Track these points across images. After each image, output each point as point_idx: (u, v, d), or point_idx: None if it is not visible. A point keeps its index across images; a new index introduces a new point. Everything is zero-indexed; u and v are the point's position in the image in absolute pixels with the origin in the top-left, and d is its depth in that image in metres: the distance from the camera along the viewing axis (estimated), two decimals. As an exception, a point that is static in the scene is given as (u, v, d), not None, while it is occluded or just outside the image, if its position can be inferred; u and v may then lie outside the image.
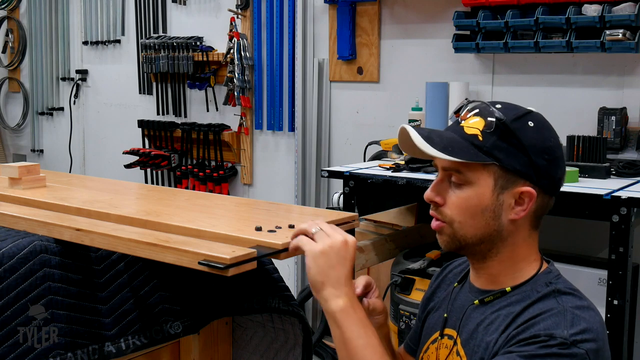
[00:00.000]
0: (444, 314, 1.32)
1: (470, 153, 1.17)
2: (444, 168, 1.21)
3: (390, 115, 3.57)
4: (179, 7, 4.48)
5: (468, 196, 1.19)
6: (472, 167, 1.18)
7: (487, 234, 1.20)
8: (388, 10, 3.55)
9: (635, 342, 2.59)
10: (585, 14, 2.79)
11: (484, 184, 1.18)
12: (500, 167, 1.17)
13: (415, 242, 2.84)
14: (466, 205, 1.19)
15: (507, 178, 1.18)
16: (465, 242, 1.22)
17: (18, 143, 5.79)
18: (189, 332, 1.54)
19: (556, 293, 1.17)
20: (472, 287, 1.28)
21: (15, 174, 1.68)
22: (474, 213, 1.19)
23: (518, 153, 1.17)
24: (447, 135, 1.21)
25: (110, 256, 1.43)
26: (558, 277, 1.22)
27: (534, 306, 1.16)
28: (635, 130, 2.79)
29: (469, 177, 1.18)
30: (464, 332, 1.24)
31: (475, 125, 1.19)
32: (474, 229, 1.20)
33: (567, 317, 1.12)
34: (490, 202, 1.19)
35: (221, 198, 1.93)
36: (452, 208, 1.20)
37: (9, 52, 5.65)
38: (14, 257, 1.30)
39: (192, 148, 4.42)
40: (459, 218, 1.20)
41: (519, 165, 1.18)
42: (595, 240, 2.81)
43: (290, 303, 1.60)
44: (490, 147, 1.17)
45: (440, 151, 1.16)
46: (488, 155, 1.17)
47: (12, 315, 1.28)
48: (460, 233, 1.21)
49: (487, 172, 1.18)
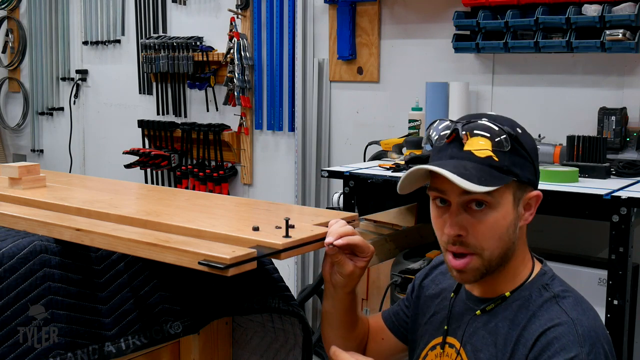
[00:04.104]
0: (444, 326, 1.30)
1: (496, 177, 1.14)
2: (466, 197, 1.16)
3: (390, 115, 3.57)
4: (179, 7, 4.48)
5: (495, 219, 1.16)
6: (497, 190, 1.14)
7: (506, 250, 1.19)
8: (388, 10, 3.55)
9: (635, 342, 2.59)
10: (585, 14, 2.79)
11: (506, 202, 1.16)
12: (517, 181, 1.17)
13: (415, 242, 2.84)
14: (495, 229, 1.16)
15: (522, 189, 1.19)
16: (491, 267, 1.18)
17: (18, 143, 5.79)
18: (189, 332, 1.54)
19: (556, 299, 1.17)
20: (470, 295, 1.27)
21: (15, 174, 1.68)
22: (502, 234, 1.17)
23: (526, 163, 1.18)
24: (468, 165, 1.15)
25: (110, 256, 1.43)
26: (553, 278, 1.22)
27: (539, 317, 1.15)
28: (635, 130, 2.79)
29: (495, 201, 1.15)
30: (468, 343, 1.23)
31: (484, 147, 1.15)
32: (500, 250, 1.18)
33: (579, 331, 1.11)
34: (512, 217, 1.18)
35: (221, 198, 1.93)
36: (480, 236, 1.16)
37: (9, 52, 5.65)
38: (14, 257, 1.30)
39: (192, 148, 4.42)
40: (488, 244, 1.16)
41: (530, 174, 1.19)
42: (595, 240, 2.81)
43: (290, 303, 1.60)
44: (508, 165, 1.15)
45: (478, 184, 1.12)
46: (507, 174, 1.15)
47: (12, 315, 1.28)
48: (489, 259, 1.17)
49: (508, 190, 1.16)
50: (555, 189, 2.28)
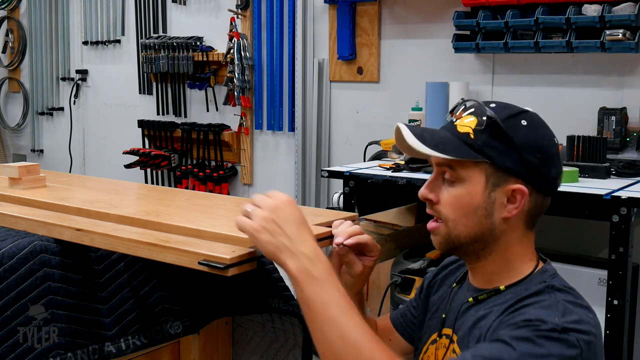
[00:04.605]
0: (442, 315, 1.32)
1: (461, 150, 1.18)
2: (438, 164, 1.22)
3: (390, 115, 3.57)
4: (179, 7, 4.48)
5: (460, 194, 1.19)
6: (464, 165, 1.18)
7: (479, 233, 1.20)
8: (388, 10, 3.55)
9: (635, 342, 2.59)
10: (585, 14, 2.79)
11: (476, 181, 1.19)
12: (491, 165, 1.18)
13: (415, 242, 2.84)
14: (459, 203, 1.19)
15: (498, 176, 1.18)
16: (459, 242, 1.22)
17: (18, 143, 5.79)
18: (189, 332, 1.54)
19: (550, 289, 1.17)
20: (470, 286, 1.29)
21: (15, 174, 1.68)
22: (467, 211, 1.19)
23: (509, 151, 1.18)
24: (440, 133, 1.22)
25: (110, 256, 1.43)
26: (554, 276, 1.22)
27: (526, 300, 1.16)
28: (635, 130, 2.79)
29: (461, 175, 1.19)
30: (459, 330, 1.24)
31: (468, 124, 1.19)
32: (467, 228, 1.20)
33: (559, 307, 1.11)
34: (482, 199, 1.19)
35: (221, 198, 1.92)
36: (446, 206, 1.21)
37: (9, 52, 5.65)
38: (14, 257, 1.30)
39: (192, 148, 4.42)
40: (452, 216, 1.20)
41: (510, 163, 1.18)
42: (595, 240, 2.81)
43: (290, 303, 1.59)
44: (481, 145, 1.17)
45: (431, 149, 1.17)
46: (479, 153, 1.17)
47: (12, 315, 1.28)
48: (454, 232, 1.21)
49: (479, 170, 1.18)
50: (555, 189, 2.28)
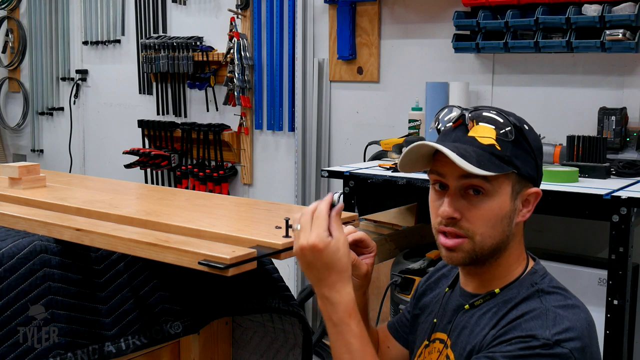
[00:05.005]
0: (434, 319, 1.31)
1: (496, 164, 1.15)
2: (465, 182, 1.17)
3: (390, 115, 3.57)
4: (179, 7, 4.48)
5: (491, 207, 1.16)
6: (496, 178, 1.15)
7: (500, 242, 1.19)
8: (388, 10, 3.55)
9: (635, 342, 2.59)
10: (585, 14, 2.79)
11: (504, 192, 1.17)
12: (517, 174, 1.18)
13: (415, 242, 2.84)
14: (489, 216, 1.17)
15: (522, 184, 1.19)
16: (482, 254, 1.19)
17: (18, 143, 5.79)
18: (189, 332, 1.54)
19: (540, 293, 1.18)
20: (463, 291, 1.28)
21: (15, 174, 1.68)
22: (495, 222, 1.17)
23: (529, 157, 1.19)
24: (469, 149, 1.16)
25: (110, 256, 1.43)
26: (544, 277, 1.22)
27: (518, 307, 1.16)
28: (635, 130, 2.79)
29: (493, 189, 1.16)
30: (454, 336, 1.24)
31: (488, 135, 1.17)
32: (492, 239, 1.18)
33: (549, 316, 1.12)
34: (509, 209, 1.18)
35: (221, 198, 1.93)
36: (474, 221, 1.17)
37: (9, 52, 5.65)
38: (14, 257, 1.30)
39: (192, 148, 4.41)
40: (481, 230, 1.17)
41: (531, 170, 1.20)
42: (595, 240, 2.81)
43: (290, 303, 1.60)
44: (510, 155, 1.16)
45: (477, 167, 1.13)
46: (508, 164, 1.16)
47: (12, 315, 1.28)
48: (480, 245, 1.18)
49: (507, 181, 1.17)
50: (555, 189, 2.28)
